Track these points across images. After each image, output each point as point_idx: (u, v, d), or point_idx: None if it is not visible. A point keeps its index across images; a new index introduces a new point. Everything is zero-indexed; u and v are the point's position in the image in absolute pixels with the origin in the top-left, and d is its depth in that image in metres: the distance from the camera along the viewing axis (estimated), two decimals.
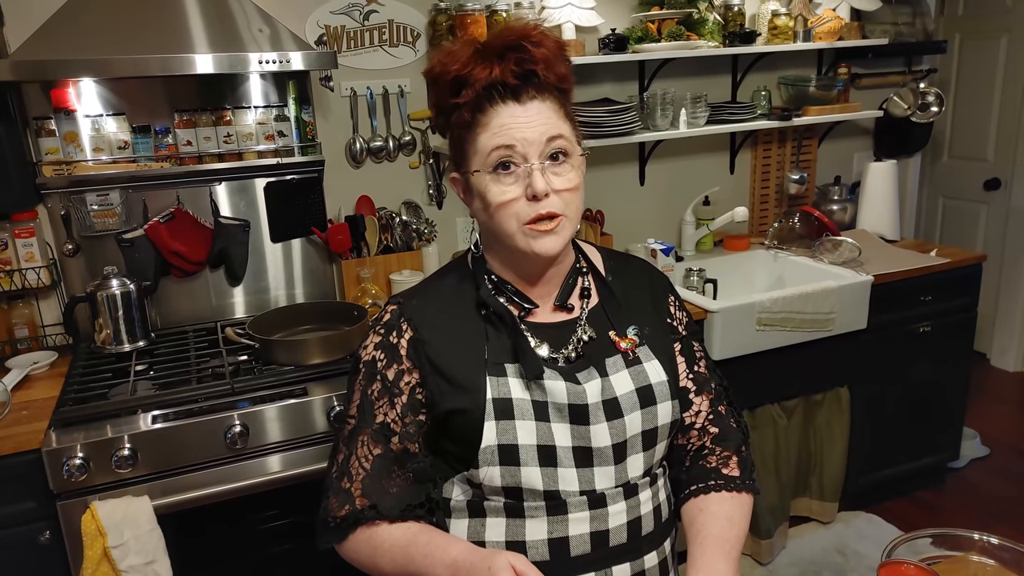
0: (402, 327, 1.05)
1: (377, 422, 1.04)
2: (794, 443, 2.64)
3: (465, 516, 1.06)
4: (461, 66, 0.99)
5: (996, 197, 3.95)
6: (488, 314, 1.06)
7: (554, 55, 1.01)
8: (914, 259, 2.80)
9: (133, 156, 2.20)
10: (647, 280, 1.19)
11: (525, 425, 1.00)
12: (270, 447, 1.82)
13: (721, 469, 1.14)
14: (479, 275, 1.09)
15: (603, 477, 1.02)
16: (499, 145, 0.99)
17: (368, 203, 2.53)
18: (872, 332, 2.65)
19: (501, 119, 0.99)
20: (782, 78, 3.08)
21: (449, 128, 1.05)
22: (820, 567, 2.59)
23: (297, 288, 2.48)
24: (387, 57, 2.50)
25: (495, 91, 0.99)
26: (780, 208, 3.25)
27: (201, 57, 1.87)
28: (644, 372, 1.07)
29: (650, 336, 1.11)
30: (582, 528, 1.02)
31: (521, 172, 0.99)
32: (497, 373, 1.02)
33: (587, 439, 1.01)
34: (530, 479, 1.00)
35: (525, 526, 1.02)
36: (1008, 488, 3.03)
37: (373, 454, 1.03)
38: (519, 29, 1.01)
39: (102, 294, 2.06)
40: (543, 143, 0.99)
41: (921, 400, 2.86)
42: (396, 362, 1.04)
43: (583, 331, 1.09)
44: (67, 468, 1.61)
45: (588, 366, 1.06)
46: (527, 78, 0.99)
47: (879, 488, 2.90)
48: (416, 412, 1.04)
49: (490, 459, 0.99)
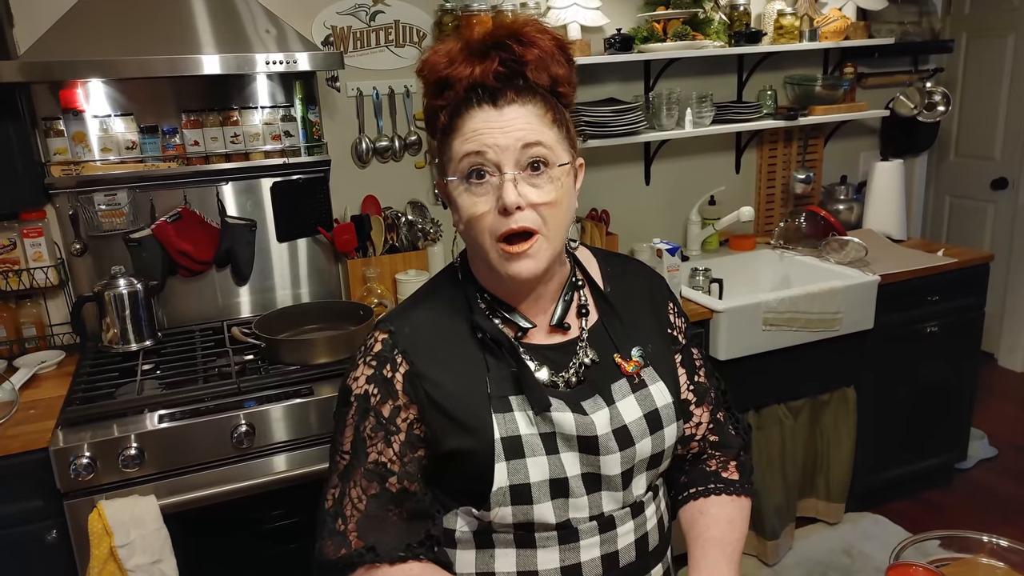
0: (396, 360, 0.96)
1: (370, 460, 0.96)
2: (800, 444, 2.63)
3: (472, 548, 1.00)
4: (445, 65, 0.93)
5: (1003, 196, 3.93)
6: (484, 339, 0.98)
7: (549, 54, 0.93)
8: (921, 259, 2.79)
9: (141, 156, 2.21)
10: (646, 286, 1.12)
11: (536, 462, 0.94)
12: (276, 447, 1.82)
13: (721, 472, 1.13)
14: (470, 293, 1.02)
15: (611, 500, 0.99)
16: (470, 151, 0.91)
17: (374, 203, 2.53)
18: (879, 332, 2.64)
19: (474, 123, 0.92)
20: (788, 77, 3.08)
21: (435, 132, 0.98)
22: (826, 568, 2.58)
23: (303, 288, 2.48)
24: (393, 57, 2.51)
25: (474, 94, 0.92)
26: (786, 208, 3.24)
27: (208, 58, 1.88)
28: (651, 396, 1.02)
29: (653, 355, 1.05)
30: (593, 553, 0.99)
31: (495, 183, 0.91)
32: (503, 409, 0.95)
33: (597, 467, 0.97)
34: (543, 514, 0.95)
35: (537, 556, 0.98)
36: (1016, 489, 3.01)
37: (367, 494, 0.95)
38: (509, 25, 0.93)
39: (109, 293, 2.07)
40: (518, 150, 0.90)
41: (928, 400, 2.85)
42: (391, 398, 0.96)
43: (584, 353, 1.02)
44: (74, 467, 1.62)
45: (593, 393, 1.00)
46: (510, 79, 0.92)
47: (886, 489, 2.89)
48: (415, 449, 0.97)
49: (502, 500, 0.93)
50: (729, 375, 2.37)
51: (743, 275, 2.88)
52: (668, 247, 2.32)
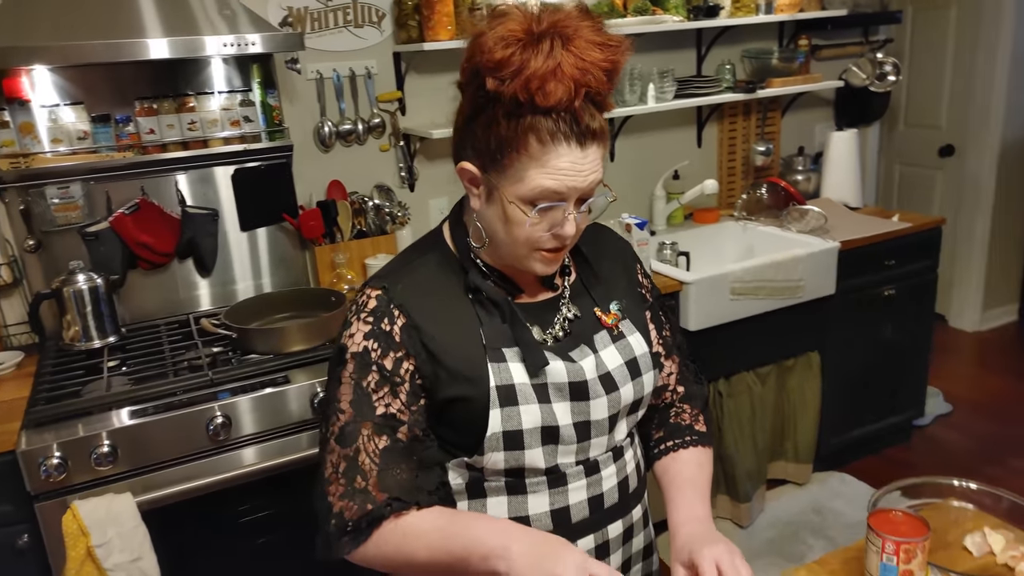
0: (393, 313, 0.99)
1: (379, 414, 0.97)
2: (769, 408, 2.70)
3: (465, 498, 1.05)
4: (538, 68, 0.87)
5: (950, 163, 4.06)
6: (480, 298, 1.02)
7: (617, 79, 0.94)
8: (878, 225, 2.87)
9: (94, 147, 2.13)
10: (617, 248, 1.20)
11: (529, 409, 0.98)
12: (254, 437, 1.79)
13: (694, 425, 1.21)
14: (465, 259, 1.04)
15: (597, 446, 1.06)
16: (549, 189, 0.92)
17: (339, 188, 2.49)
18: (840, 297, 2.71)
19: (560, 162, 0.90)
20: (745, 51, 3.11)
21: (480, 110, 0.94)
22: (798, 527, 2.66)
23: (269, 277, 2.43)
24: (353, 38, 2.46)
25: (562, 123, 0.90)
26: (747, 180, 3.30)
27: (155, 42, 1.80)
28: (629, 346, 1.09)
29: (628, 309, 1.12)
30: (580, 496, 1.05)
31: (555, 210, 0.94)
32: (497, 359, 1.00)
33: (587, 414, 1.03)
34: (533, 459, 1.00)
35: (527, 501, 1.03)
36: (970, 443, 3.15)
37: (380, 448, 0.97)
38: (610, 43, 0.90)
39: (68, 290, 2.00)
40: (584, 190, 0.94)
41: (887, 361, 2.94)
42: (392, 350, 0.98)
43: (567, 308, 1.08)
44: (44, 468, 1.57)
45: (579, 344, 1.06)
46: (595, 115, 0.92)
47: (850, 448, 2.99)
48: (418, 398, 1.00)
49: (495, 446, 0.98)
50: (699, 344, 2.41)
51: (709, 247, 2.92)
52: (637, 221, 2.34)
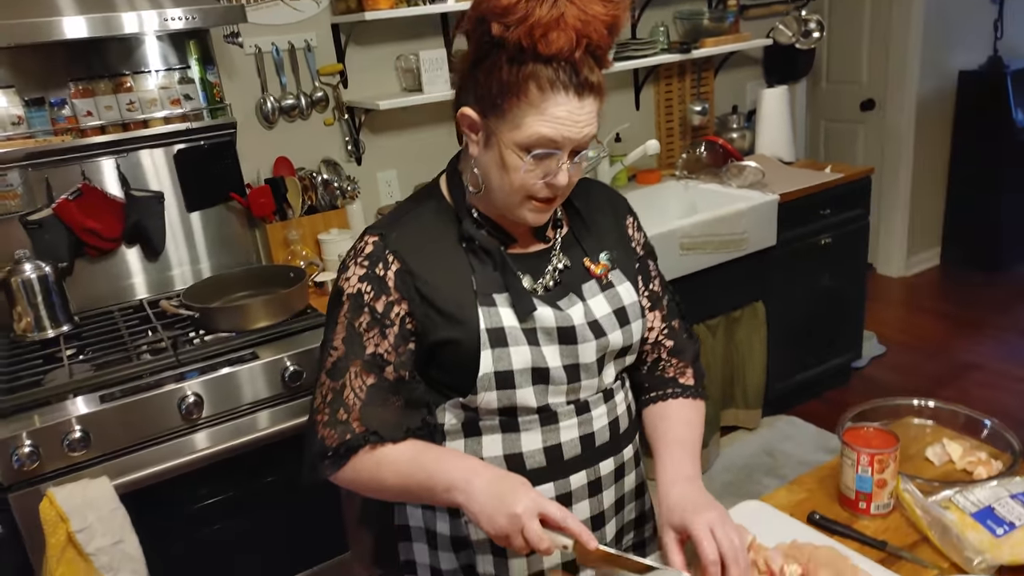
0: (388, 259, 1.03)
1: (368, 353, 1.03)
2: (719, 358, 2.82)
3: (461, 437, 1.09)
4: (542, 16, 0.90)
5: (871, 117, 4.26)
6: (473, 247, 1.06)
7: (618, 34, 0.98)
8: (812, 177, 3.00)
9: (29, 131, 2.05)
10: (609, 202, 1.22)
11: (519, 351, 1.03)
12: (227, 414, 1.79)
13: (678, 379, 1.23)
14: (460, 209, 1.08)
15: (587, 387, 1.10)
16: (545, 136, 0.95)
17: (287, 164, 2.47)
18: (781, 248, 2.84)
19: (558, 111, 0.94)
20: (678, 13, 3.19)
21: (484, 55, 0.97)
22: (751, 469, 2.80)
23: (219, 257, 2.39)
24: (289, 11, 2.42)
25: (562, 72, 0.93)
26: (685, 140, 3.39)
27: (71, 19, 1.74)
28: (618, 295, 1.12)
29: (618, 259, 1.16)
30: (572, 434, 1.10)
31: (549, 159, 0.98)
32: (488, 304, 1.04)
33: (575, 357, 1.07)
34: (525, 398, 1.05)
35: (520, 439, 1.08)
36: (903, 380, 3.36)
37: (367, 384, 1.03)
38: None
39: (16, 280, 1.94)
40: (579, 142, 0.98)
41: (826, 308, 3.10)
42: (384, 294, 1.03)
43: (558, 259, 1.12)
44: (16, 457, 1.53)
45: (568, 293, 1.10)
46: (591, 68, 0.96)
47: (794, 392, 3.15)
48: (407, 342, 1.05)
49: (487, 385, 1.03)
50: None
51: (654, 206, 3.01)
52: None
